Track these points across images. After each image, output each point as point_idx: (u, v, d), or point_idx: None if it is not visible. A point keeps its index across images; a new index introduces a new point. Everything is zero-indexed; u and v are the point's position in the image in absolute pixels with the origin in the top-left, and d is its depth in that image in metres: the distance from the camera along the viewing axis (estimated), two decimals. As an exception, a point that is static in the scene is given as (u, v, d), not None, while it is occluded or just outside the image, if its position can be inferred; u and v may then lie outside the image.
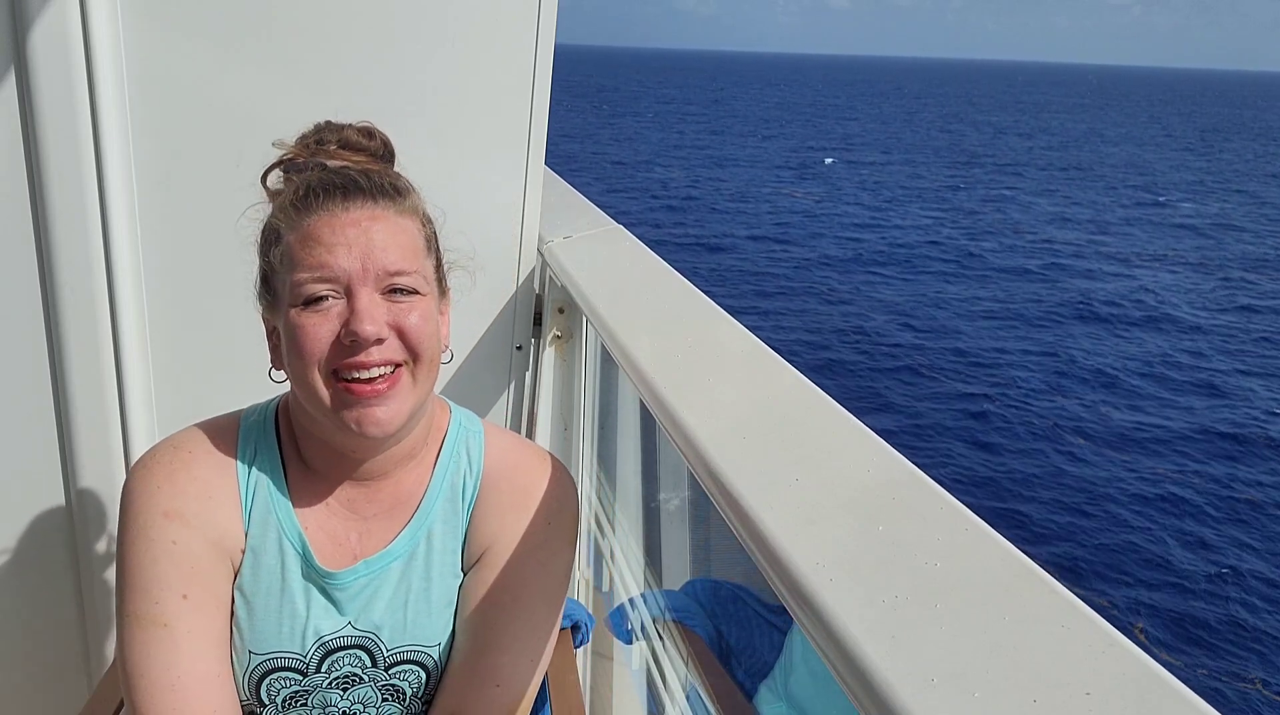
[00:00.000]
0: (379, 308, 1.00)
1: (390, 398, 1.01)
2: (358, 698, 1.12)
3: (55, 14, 1.48)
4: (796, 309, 17.73)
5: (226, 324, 1.73)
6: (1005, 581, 0.68)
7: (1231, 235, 26.74)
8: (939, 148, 48.57)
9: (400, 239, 1.02)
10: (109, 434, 1.72)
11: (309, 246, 1.00)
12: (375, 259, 0.99)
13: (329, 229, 1.00)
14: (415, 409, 1.04)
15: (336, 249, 0.99)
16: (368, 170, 1.06)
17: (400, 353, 1.01)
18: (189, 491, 1.08)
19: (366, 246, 0.99)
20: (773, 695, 1.68)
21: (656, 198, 29.49)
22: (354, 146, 1.09)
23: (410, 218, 1.05)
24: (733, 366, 1.22)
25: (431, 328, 1.04)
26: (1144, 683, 0.57)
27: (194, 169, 1.65)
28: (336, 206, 1.01)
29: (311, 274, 0.99)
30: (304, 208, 1.02)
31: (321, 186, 1.03)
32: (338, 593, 1.10)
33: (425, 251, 1.06)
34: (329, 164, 1.07)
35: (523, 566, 1.13)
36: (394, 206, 1.04)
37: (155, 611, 1.03)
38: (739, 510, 0.83)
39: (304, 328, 0.99)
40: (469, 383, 1.88)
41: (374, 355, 0.99)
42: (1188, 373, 14.66)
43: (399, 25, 1.65)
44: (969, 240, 24.64)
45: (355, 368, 0.99)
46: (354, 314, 0.98)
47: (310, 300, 0.99)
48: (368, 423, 1.00)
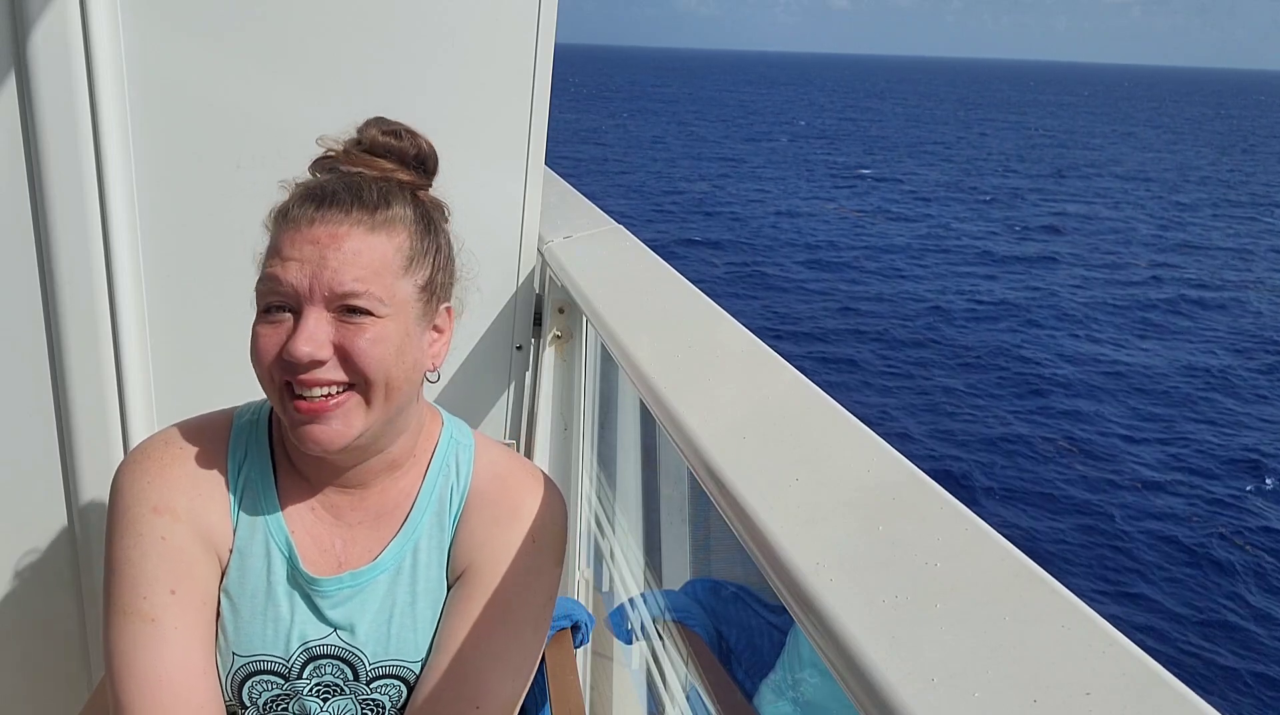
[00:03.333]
0: (323, 328, 0.97)
1: (333, 417, 0.98)
2: (337, 709, 1.11)
3: (55, 14, 1.48)
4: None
5: (226, 324, 1.73)
6: (1005, 581, 0.68)
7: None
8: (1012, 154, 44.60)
9: (363, 258, 0.98)
10: (109, 434, 1.72)
11: (272, 256, 1.00)
12: (325, 278, 0.96)
13: (289, 242, 0.98)
14: (369, 429, 1.02)
15: (289, 264, 0.97)
16: (359, 178, 1.04)
17: (344, 376, 0.98)
18: (179, 486, 1.07)
19: (319, 264, 0.97)
20: (775, 695, 1.68)
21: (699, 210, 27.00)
22: (379, 149, 1.07)
23: (385, 233, 1.01)
24: (733, 366, 1.22)
25: (386, 350, 0.99)
26: (1144, 683, 0.57)
27: (194, 169, 1.65)
28: (304, 219, 0.99)
29: (267, 285, 0.98)
30: (281, 216, 1.01)
31: (307, 194, 1.02)
32: (321, 600, 1.09)
33: (399, 269, 1.01)
34: (342, 169, 1.06)
35: (508, 587, 1.11)
36: (369, 221, 1.00)
37: (144, 607, 1.03)
38: (739, 510, 0.83)
39: (258, 336, 0.99)
40: (469, 383, 1.88)
41: (314, 376, 0.97)
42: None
43: (399, 25, 1.65)
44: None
45: (297, 385, 0.98)
46: (294, 333, 0.96)
47: (267, 309, 0.99)
48: (308, 439, 0.99)
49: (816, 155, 42.26)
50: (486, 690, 1.09)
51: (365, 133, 1.08)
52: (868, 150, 45.08)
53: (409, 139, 1.08)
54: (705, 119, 61.07)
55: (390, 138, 1.07)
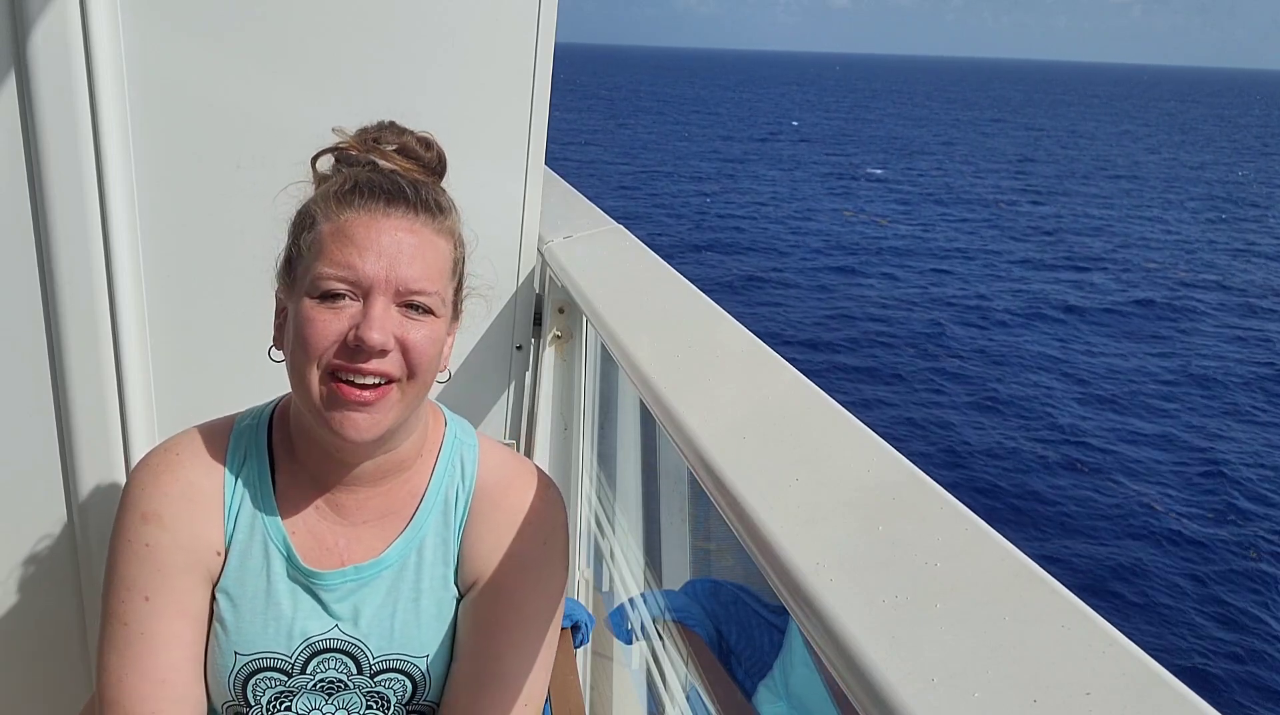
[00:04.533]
0: (391, 319, 1.00)
1: (375, 408, 1.01)
2: (342, 703, 1.13)
3: (55, 14, 1.48)
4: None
5: (227, 324, 1.73)
6: (1005, 581, 0.68)
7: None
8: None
9: (429, 257, 1.02)
10: (109, 434, 1.72)
11: (340, 242, 1.00)
12: (401, 271, 0.99)
13: (364, 230, 1.00)
14: (396, 423, 1.04)
15: (367, 252, 0.99)
16: (416, 181, 1.06)
17: (399, 368, 1.01)
18: (171, 493, 1.09)
19: (395, 256, 0.99)
20: (772, 695, 1.68)
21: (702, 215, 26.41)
22: (410, 154, 1.09)
23: (445, 238, 1.06)
24: (733, 366, 1.22)
25: (435, 350, 1.04)
26: (1144, 683, 0.57)
27: (194, 169, 1.65)
28: (378, 209, 1.01)
29: (336, 270, 0.99)
30: (345, 202, 1.02)
31: (369, 185, 1.02)
32: (324, 594, 1.10)
33: (450, 274, 1.07)
34: (381, 164, 1.07)
35: (526, 590, 1.14)
36: (433, 224, 1.04)
37: (120, 610, 1.07)
38: (739, 510, 0.83)
39: (314, 321, 0.99)
40: (469, 382, 1.88)
41: (373, 364, 0.99)
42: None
43: (399, 25, 1.65)
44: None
45: (352, 372, 0.99)
46: (366, 319, 0.98)
47: (327, 294, 0.99)
48: (348, 426, 1.00)
49: (825, 156, 41.69)
50: (523, 691, 1.12)
51: (392, 135, 1.09)
52: (880, 150, 44.67)
53: (435, 148, 1.12)
54: (703, 120, 60.89)
55: (421, 146, 1.10)
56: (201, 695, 1.10)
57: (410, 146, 1.09)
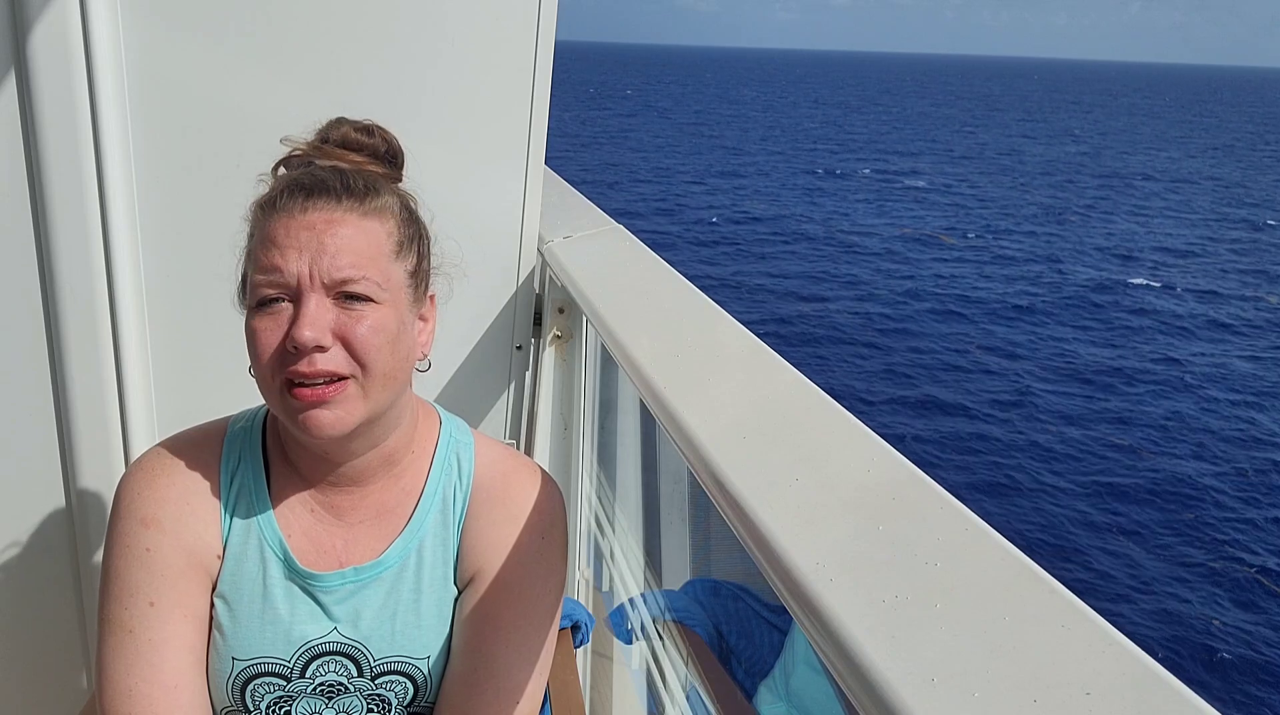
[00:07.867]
0: (325, 314, 0.97)
1: (335, 403, 0.98)
2: (343, 706, 1.11)
3: (55, 14, 1.48)
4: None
5: (226, 324, 1.72)
6: (1005, 581, 0.67)
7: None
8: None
9: (357, 243, 0.99)
10: (109, 434, 1.72)
11: (265, 247, 0.99)
12: (324, 263, 0.97)
13: (284, 231, 0.98)
14: (371, 415, 1.02)
15: (288, 251, 0.97)
16: (342, 169, 1.04)
17: (346, 364, 0.98)
18: (168, 497, 1.08)
19: (317, 249, 0.97)
20: (773, 695, 1.68)
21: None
22: (352, 145, 1.08)
23: (376, 219, 1.02)
24: (733, 366, 1.22)
25: (383, 338, 1.00)
26: (1144, 683, 0.57)
27: (194, 169, 1.65)
28: (296, 208, 0.99)
29: (265, 276, 0.98)
30: (269, 208, 1.01)
31: (291, 185, 1.01)
32: (323, 596, 1.09)
33: (391, 255, 1.03)
34: (319, 163, 1.06)
35: (524, 585, 1.13)
36: (360, 207, 1.01)
37: (124, 617, 1.05)
38: (739, 510, 0.83)
39: (257, 332, 0.98)
40: (469, 383, 1.88)
41: (317, 364, 0.96)
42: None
43: (399, 24, 1.65)
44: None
45: (297, 376, 0.97)
46: (296, 319, 0.96)
47: (263, 302, 0.98)
48: (313, 424, 0.98)
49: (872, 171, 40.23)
50: (519, 688, 1.10)
51: (335, 130, 1.09)
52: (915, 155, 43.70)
53: (379, 134, 1.10)
54: (709, 120, 60.47)
55: (362, 134, 1.08)
56: (208, 700, 1.09)
57: (349, 137, 1.07)
